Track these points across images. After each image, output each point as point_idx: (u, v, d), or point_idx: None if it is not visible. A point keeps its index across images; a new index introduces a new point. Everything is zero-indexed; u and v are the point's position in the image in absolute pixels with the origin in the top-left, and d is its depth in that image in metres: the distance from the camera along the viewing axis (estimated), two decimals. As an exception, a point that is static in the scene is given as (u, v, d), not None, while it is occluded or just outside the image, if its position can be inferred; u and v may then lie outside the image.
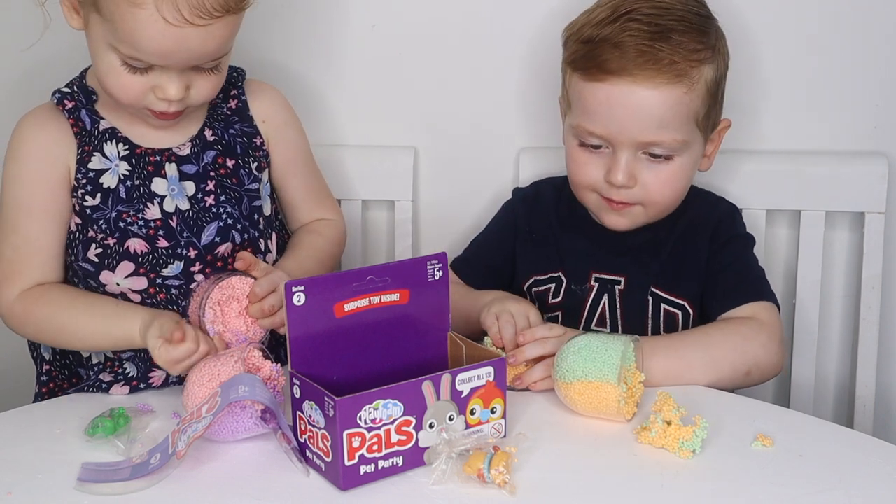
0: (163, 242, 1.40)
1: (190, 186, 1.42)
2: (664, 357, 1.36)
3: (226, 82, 1.48)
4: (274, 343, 1.44)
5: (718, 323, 1.45)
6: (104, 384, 1.42)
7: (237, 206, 1.44)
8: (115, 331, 1.37)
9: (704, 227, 1.53)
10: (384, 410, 1.13)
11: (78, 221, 1.41)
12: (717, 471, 1.17)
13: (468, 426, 1.19)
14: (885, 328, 1.73)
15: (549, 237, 1.59)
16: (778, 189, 1.70)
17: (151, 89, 1.34)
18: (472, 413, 1.19)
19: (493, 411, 1.20)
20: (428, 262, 1.23)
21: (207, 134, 1.46)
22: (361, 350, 1.21)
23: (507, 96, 1.77)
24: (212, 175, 1.44)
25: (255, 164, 1.48)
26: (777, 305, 1.48)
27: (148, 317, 1.34)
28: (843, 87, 1.70)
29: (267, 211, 1.49)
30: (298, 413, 1.17)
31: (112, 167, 1.41)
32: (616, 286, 1.53)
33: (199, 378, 1.22)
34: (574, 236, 1.57)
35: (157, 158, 1.42)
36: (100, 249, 1.40)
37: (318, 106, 1.78)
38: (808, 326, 1.73)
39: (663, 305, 1.52)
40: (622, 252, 1.53)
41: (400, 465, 1.15)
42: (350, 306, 1.19)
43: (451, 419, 1.17)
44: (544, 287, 1.57)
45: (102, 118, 1.42)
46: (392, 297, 1.21)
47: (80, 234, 1.41)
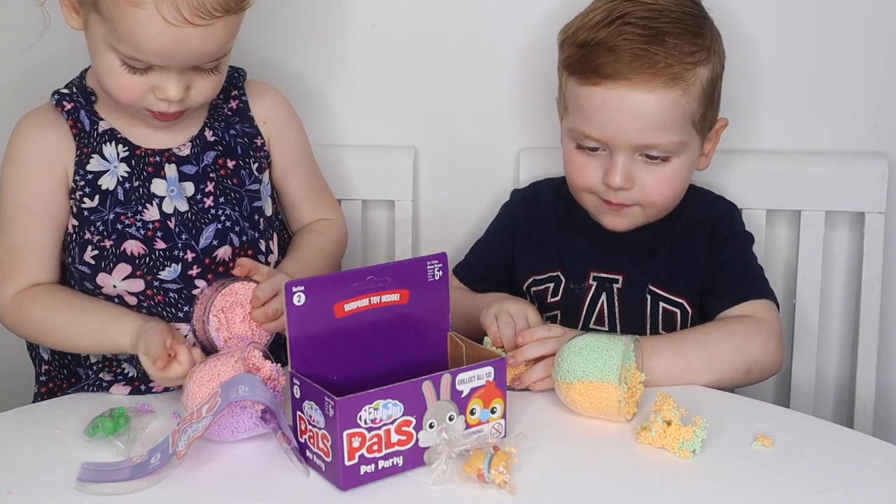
0: (160, 244, 1.40)
1: (189, 187, 1.42)
2: (664, 356, 1.36)
3: (226, 82, 1.48)
4: (274, 345, 1.44)
5: (718, 322, 1.45)
6: (104, 383, 1.42)
7: (237, 207, 1.44)
8: (104, 339, 1.37)
9: (703, 226, 1.53)
10: (384, 410, 1.13)
11: (75, 223, 1.40)
12: (717, 471, 1.17)
13: (468, 426, 1.19)
14: (885, 328, 1.73)
15: (547, 237, 1.59)
16: (778, 189, 1.70)
17: (151, 90, 1.34)
18: (472, 413, 1.19)
19: (493, 411, 1.20)
20: (428, 262, 1.23)
21: (208, 134, 1.46)
22: (361, 350, 1.21)
23: (507, 96, 1.77)
24: (211, 176, 1.43)
25: (256, 164, 1.48)
26: (776, 303, 1.48)
27: (136, 328, 1.34)
28: (843, 87, 1.70)
29: (268, 211, 1.49)
30: (298, 413, 1.17)
31: (111, 169, 1.41)
32: (614, 285, 1.53)
33: (200, 378, 1.22)
34: (573, 236, 1.57)
35: (157, 159, 1.42)
36: (96, 251, 1.39)
37: (318, 106, 1.77)
38: (808, 326, 1.73)
39: (662, 304, 1.52)
40: (621, 251, 1.54)
41: (400, 465, 1.15)
42: (350, 306, 1.19)
43: (451, 419, 1.17)
44: (543, 286, 1.57)
45: (102, 119, 1.42)
46: (392, 297, 1.21)
47: (76, 236, 1.41)
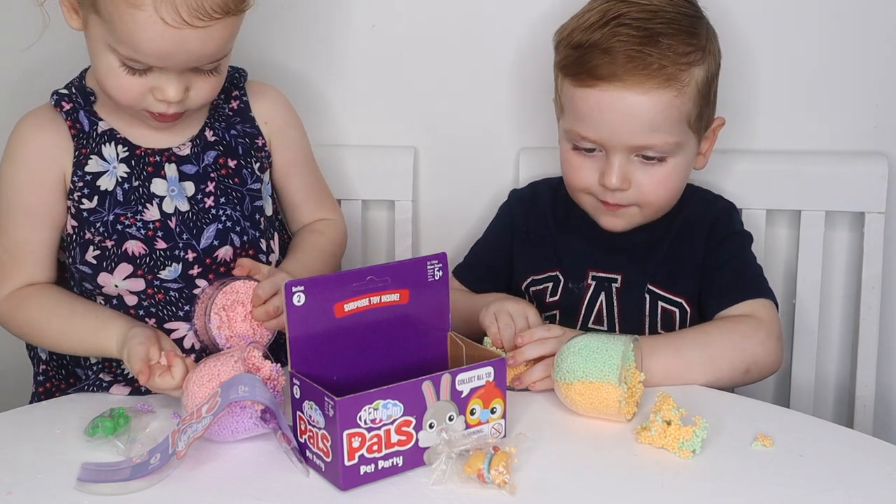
0: (161, 244, 1.40)
1: (189, 187, 1.42)
2: (663, 356, 1.36)
3: (227, 83, 1.48)
4: (274, 345, 1.44)
5: (717, 321, 1.45)
6: (104, 383, 1.42)
7: (238, 207, 1.44)
8: (94, 344, 1.38)
9: (701, 225, 1.53)
10: (384, 410, 1.12)
11: (74, 224, 1.41)
12: (717, 471, 1.17)
13: (468, 426, 1.19)
14: (885, 328, 1.73)
15: (546, 237, 1.59)
16: (778, 189, 1.70)
17: (150, 91, 1.34)
18: (472, 413, 1.19)
19: (493, 411, 1.20)
20: (428, 262, 1.23)
21: (208, 134, 1.45)
22: (361, 350, 1.21)
23: (507, 96, 1.77)
24: (212, 176, 1.43)
25: (258, 164, 1.48)
26: (775, 302, 1.48)
27: (122, 336, 1.33)
28: (843, 87, 1.70)
29: (269, 211, 1.49)
30: (298, 413, 1.17)
31: (110, 169, 1.41)
32: (613, 284, 1.53)
33: (199, 378, 1.22)
34: (571, 236, 1.57)
35: (157, 159, 1.42)
36: (98, 251, 1.40)
37: (318, 106, 1.77)
38: (808, 326, 1.73)
39: (660, 303, 1.52)
40: (619, 250, 1.54)
41: (400, 465, 1.15)
42: (350, 306, 1.18)
43: (451, 419, 1.17)
44: (541, 286, 1.57)
45: (101, 119, 1.42)
46: (392, 297, 1.21)
47: (76, 237, 1.41)
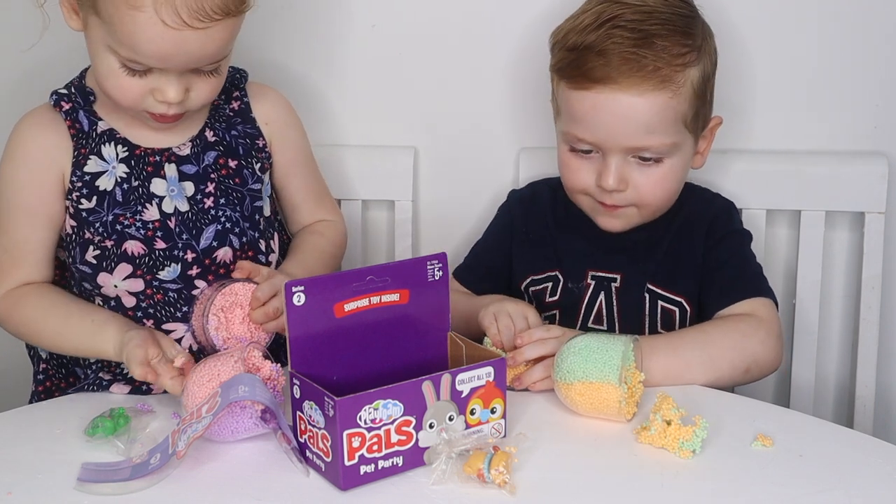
0: (160, 244, 1.40)
1: (189, 187, 1.42)
2: (663, 356, 1.36)
3: (228, 83, 1.48)
4: (274, 346, 1.44)
5: (717, 321, 1.45)
6: (104, 382, 1.42)
7: (238, 207, 1.44)
8: (90, 346, 1.38)
9: (700, 224, 1.53)
10: (384, 410, 1.12)
11: (73, 224, 1.41)
12: (717, 471, 1.17)
13: (468, 426, 1.19)
14: (885, 328, 1.73)
15: (545, 237, 1.59)
16: (778, 189, 1.70)
17: (150, 92, 1.34)
18: (472, 413, 1.19)
19: (493, 411, 1.20)
20: (428, 262, 1.23)
21: (208, 135, 1.46)
22: (361, 350, 1.21)
23: (507, 96, 1.77)
24: (212, 177, 1.43)
25: (259, 164, 1.48)
26: (775, 301, 1.48)
27: (119, 340, 1.33)
28: (842, 87, 1.70)
29: (267, 212, 1.49)
30: (298, 413, 1.17)
31: (109, 169, 1.41)
32: (612, 284, 1.53)
33: (199, 378, 1.22)
34: (570, 235, 1.57)
35: (157, 159, 1.42)
36: (98, 251, 1.40)
37: (318, 106, 1.77)
38: (808, 326, 1.73)
39: (660, 302, 1.52)
40: (618, 250, 1.54)
41: (400, 465, 1.15)
42: (350, 306, 1.18)
43: (451, 419, 1.17)
44: (541, 286, 1.57)
45: (101, 119, 1.42)
46: (392, 297, 1.21)
47: (76, 237, 1.41)
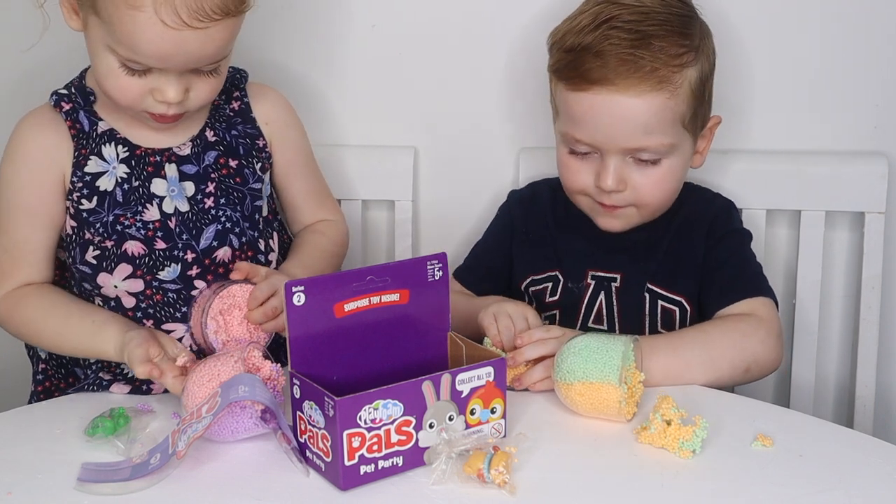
0: (160, 244, 1.40)
1: (189, 187, 1.42)
2: (663, 356, 1.35)
3: (228, 83, 1.48)
4: (274, 346, 1.44)
5: (716, 320, 1.45)
6: (104, 382, 1.42)
7: (238, 207, 1.44)
8: (90, 347, 1.38)
9: (700, 224, 1.53)
10: (384, 410, 1.13)
11: (73, 224, 1.41)
12: (717, 471, 1.17)
13: (468, 426, 1.19)
14: (885, 328, 1.73)
15: (545, 237, 1.59)
16: (778, 189, 1.70)
17: (150, 92, 1.34)
18: (472, 413, 1.19)
19: (493, 411, 1.20)
20: (428, 262, 1.23)
21: (209, 134, 1.46)
22: (361, 350, 1.21)
23: (507, 96, 1.77)
24: (212, 177, 1.43)
25: (259, 164, 1.48)
26: (775, 300, 1.48)
27: (119, 341, 1.33)
28: (843, 87, 1.70)
29: (266, 211, 1.49)
30: (298, 413, 1.17)
31: (110, 170, 1.41)
32: (613, 284, 1.53)
33: (200, 378, 1.22)
34: (570, 235, 1.57)
35: (157, 159, 1.42)
36: (98, 252, 1.40)
37: (318, 106, 1.77)
38: (808, 326, 1.73)
39: (660, 302, 1.52)
40: (618, 250, 1.54)
41: (400, 465, 1.15)
42: (350, 306, 1.18)
43: (451, 419, 1.17)
44: (541, 286, 1.57)
45: (101, 119, 1.42)
46: (392, 297, 1.21)
47: (76, 237, 1.41)
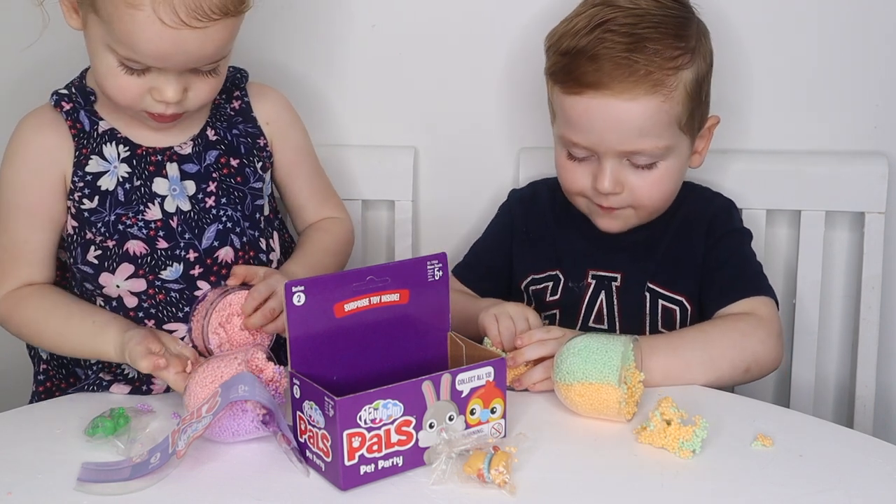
0: (162, 244, 1.40)
1: (191, 186, 1.42)
2: (663, 357, 1.35)
3: (229, 83, 1.48)
4: (274, 346, 1.44)
5: (716, 320, 1.45)
6: (104, 382, 1.42)
7: (239, 206, 1.44)
8: (91, 348, 1.38)
9: (699, 223, 1.53)
10: (384, 410, 1.12)
11: (74, 224, 1.41)
12: (717, 471, 1.17)
13: (468, 426, 1.19)
14: (885, 328, 1.73)
15: (545, 236, 1.59)
16: (778, 189, 1.70)
17: (149, 91, 1.34)
18: (472, 413, 1.19)
19: (493, 411, 1.20)
20: (428, 262, 1.23)
21: (209, 134, 1.46)
22: (361, 350, 1.21)
23: (507, 96, 1.77)
24: (213, 176, 1.43)
25: (260, 164, 1.48)
26: (775, 299, 1.48)
27: (119, 341, 1.33)
28: (842, 86, 1.70)
29: (267, 211, 1.49)
30: (298, 413, 1.17)
31: (111, 169, 1.41)
32: (613, 283, 1.53)
33: (203, 379, 1.22)
34: (571, 235, 1.57)
35: (159, 158, 1.42)
36: (99, 251, 1.40)
37: (318, 106, 1.77)
38: (808, 326, 1.73)
39: (661, 301, 1.52)
40: (619, 249, 1.54)
41: (400, 465, 1.15)
42: (350, 306, 1.18)
43: (451, 419, 1.17)
44: (542, 285, 1.57)
45: (102, 119, 1.42)
46: (392, 297, 1.21)
47: (77, 237, 1.41)
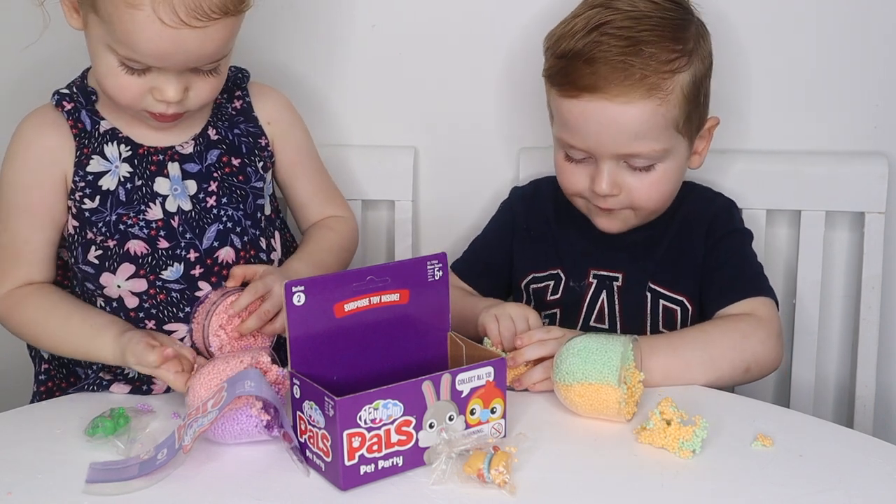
0: (163, 243, 1.40)
1: (192, 185, 1.42)
2: (663, 357, 1.35)
3: (230, 82, 1.48)
4: (274, 346, 1.44)
5: (716, 320, 1.45)
6: (104, 381, 1.42)
7: (241, 206, 1.44)
8: (88, 350, 1.38)
9: (700, 223, 1.53)
10: (384, 410, 1.13)
11: (75, 224, 1.41)
12: (717, 471, 1.17)
13: (468, 426, 1.19)
14: (885, 328, 1.73)
15: (547, 234, 1.59)
16: (778, 189, 1.70)
17: (150, 91, 1.34)
18: (472, 413, 1.19)
19: (493, 411, 1.20)
20: (428, 262, 1.23)
21: (211, 133, 1.46)
22: (361, 350, 1.21)
23: (507, 96, 1.77)
24: (215, 175, 1.43)
25: (261, 163, 1.48)
26: (775, 299, 1.48)
27: (116, 344, 1.33)
28: (842, 87, 1.70)
29: (268, 210, 1.49)
30: (298, 413, 1.17)
31: (112, 169, 1.41)
32: (614, 282, 1.53)
33: (208, 381, 1.22)
34: (572, 234, 1.57)
35: (160, 157, 1.42)
36: (100, 251, 1.40)
37: (318, 106, 1.77)
38: (808, 326, 1.73)
39: (662, 301, 1.52)
40: (620, 249, 1.54)
41: (400, 465, 1.15)
42: (350, 306, 1.19)
43: (451, 419, 1.17)
44: (543, 284, 1.57)
45: (103, 119, 1.42)
46: (392, 297, 1.21)
47: (78, 237, 1.41)
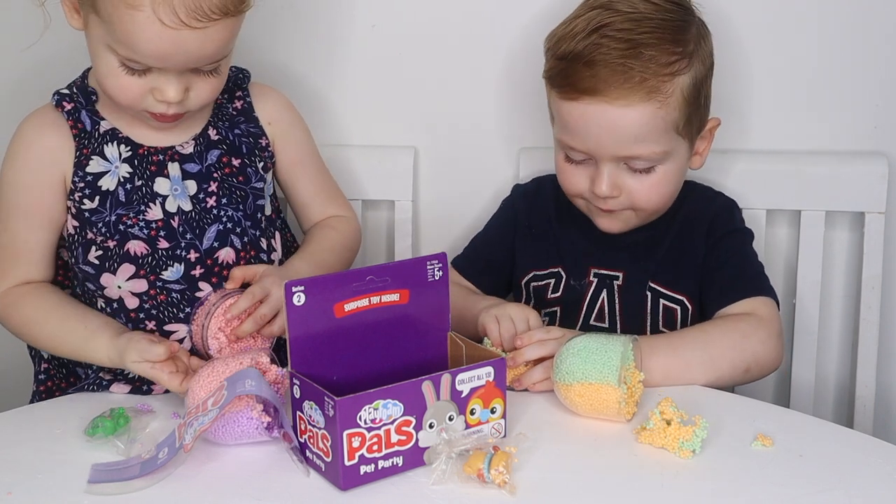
0: (163, 244, 1.40)
1: (192, 186, 1.42)
2: (663, 357, 1.36)
3: (231, 82, 1.48)
4: (274, 346, 1.44)
5: (717, 320, 1.45)
6: (105, 381, 1.42)
7: (241, 206, 1.44)
8: (84, 353, 1.38)
9: (701, 223, 1.53)
10: (384, 410, 1.13)
11: (75, 224, 1.41)
12: (717, 471, 1.17)
13: (468, 426, 1.19)
14: (885, 328, 1.73)
15: (548, 233, 1.59)
16: (778, 189, 1.70)
17: (150, 91, 1.34)
18: (472, 413, 1.19)
19: (492, 411, 1.20)
20: (428, 262, 1.23)
21: (211, 133, 1.46)
22: (361, 350, 1.21)
23: (507, 96, 1.77)
24: (215, 176, 1.43)
25: (262, 164, 1.48)
26: (776, 300, 1.48)
27: (112, 347, 1.33)
28: (842, 86, 1.70)
29: (268, 210, 1.49)
30: (298, 413, 1.17)
31: (112, 169, 1.41)
32: (615, 281, 1.53)
33: (207, 382, 1.22)
34: (573, 232, 1.57)
35: (160, 158, 1.42)
36: (100, 252, 1.40)
37: (318, 106, 1.77)
38: (808, 326, 1.73)
39: (662, 301, 1.52)
40: (621, 248, 1.54)
41: (400, 465, 1.15)
42: (350, 306, 1.19)
43: (451, 419, 1.17)
44: (543, 282, 1.57)
45: (103, 119, 1.42)
46: (392, 297, 1.21)
47: (78, 237, 1.41)
